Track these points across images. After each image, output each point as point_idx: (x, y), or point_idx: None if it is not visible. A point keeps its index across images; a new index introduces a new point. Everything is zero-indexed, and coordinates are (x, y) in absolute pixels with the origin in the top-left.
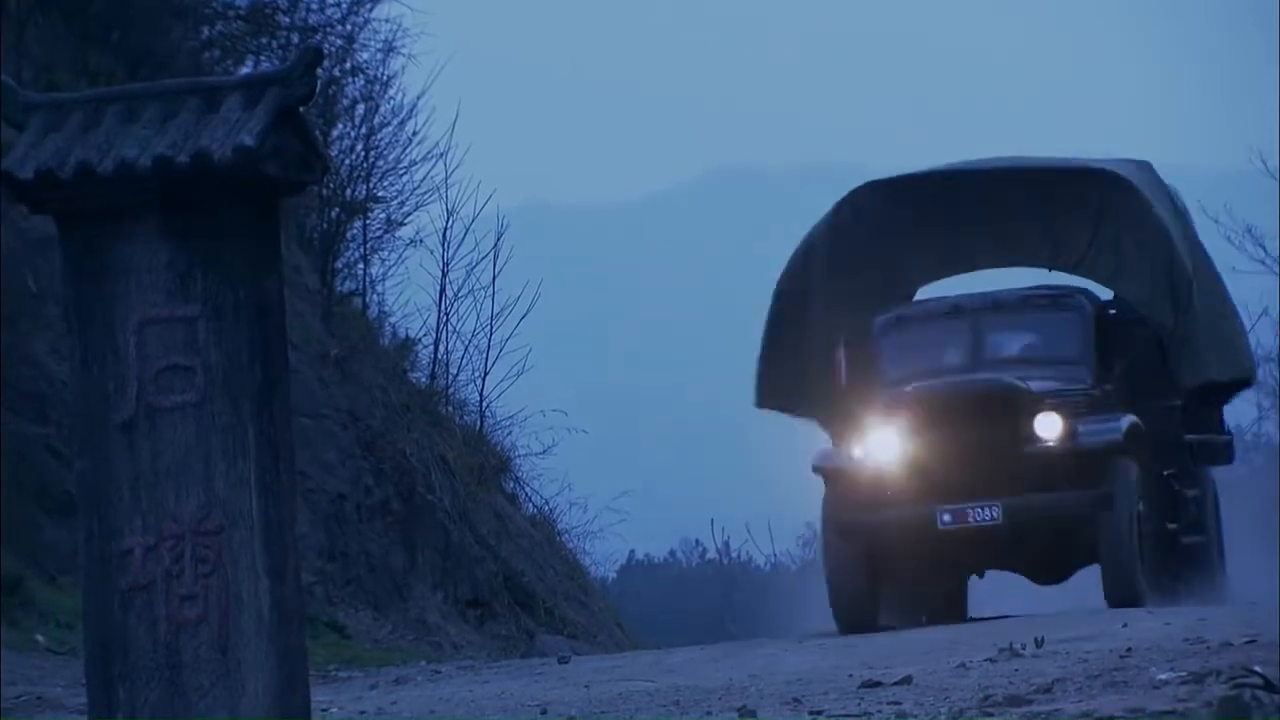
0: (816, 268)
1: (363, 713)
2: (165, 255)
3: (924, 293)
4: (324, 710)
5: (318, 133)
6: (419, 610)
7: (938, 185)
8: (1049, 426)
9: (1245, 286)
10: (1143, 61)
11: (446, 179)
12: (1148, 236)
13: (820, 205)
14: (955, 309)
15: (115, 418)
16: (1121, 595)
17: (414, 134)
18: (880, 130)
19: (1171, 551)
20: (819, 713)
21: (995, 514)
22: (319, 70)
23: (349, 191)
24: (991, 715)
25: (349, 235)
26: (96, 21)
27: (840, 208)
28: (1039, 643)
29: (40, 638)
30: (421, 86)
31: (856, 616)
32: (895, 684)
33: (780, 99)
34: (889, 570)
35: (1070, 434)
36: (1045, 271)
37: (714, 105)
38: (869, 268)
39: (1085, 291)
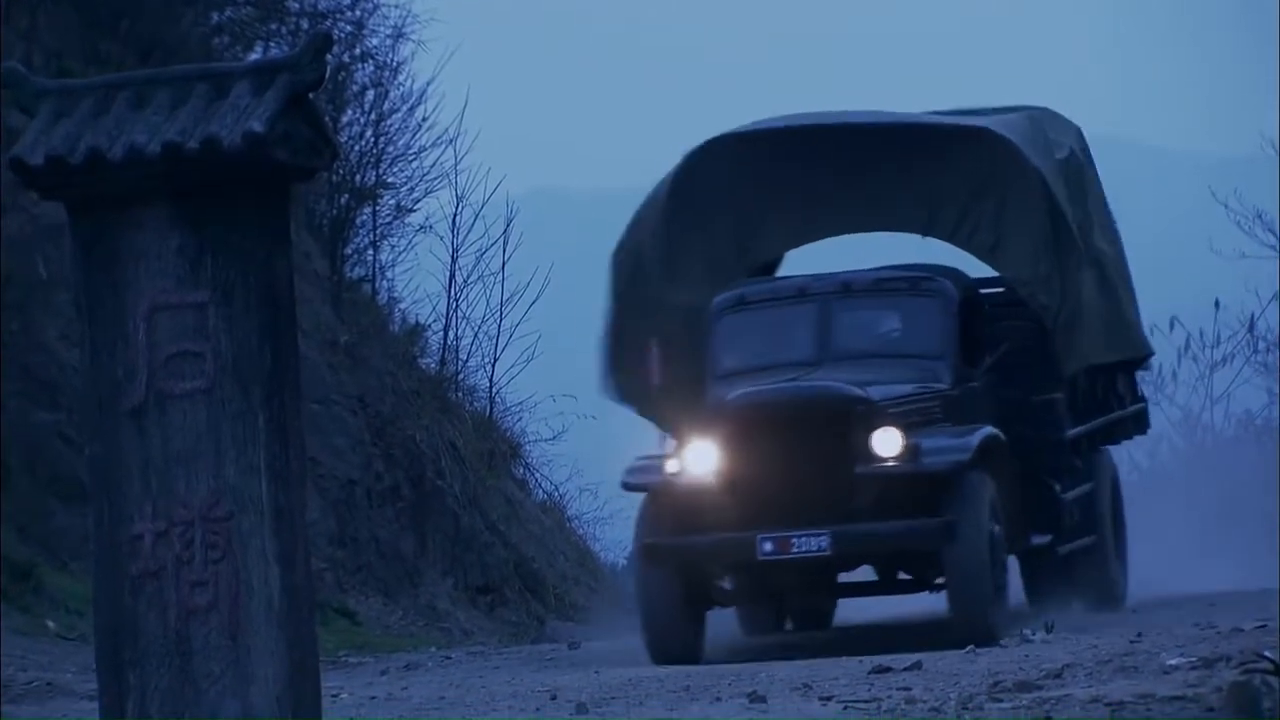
0: (652, 235)
1: (373, 698)
2: (175, 241)
3: (795, 260)
4: (334, 696)
5: (327, 119)
6: (429, 596)
7: (799, 140)
8: (887, 443)
9: (1255, 272)
10: (1151, 46)
11: (456, 165)
12: (1031, 207)
13: None
14: (801, 292)
15: (125, 404)
16: (971, 631)
17: (423, 120)
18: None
19: (1048, 564)
20: (829, 698)
21: (823, 544)
22: (328, 56)
23: (358, 177)
24: (1001, 701)
25: (358, 221)
26: (106, 8)
27: (684, 164)
28: (1049, 628)
29: (51, 624)
30: (431, 72)
31: (671, 650)
32: (905, 669)
33: (793, 84)
34: (709, 599)
35: (911, 452)
36: (924, 242)
37: (727, 92)
38: (717, 235)
39: (952, 272)
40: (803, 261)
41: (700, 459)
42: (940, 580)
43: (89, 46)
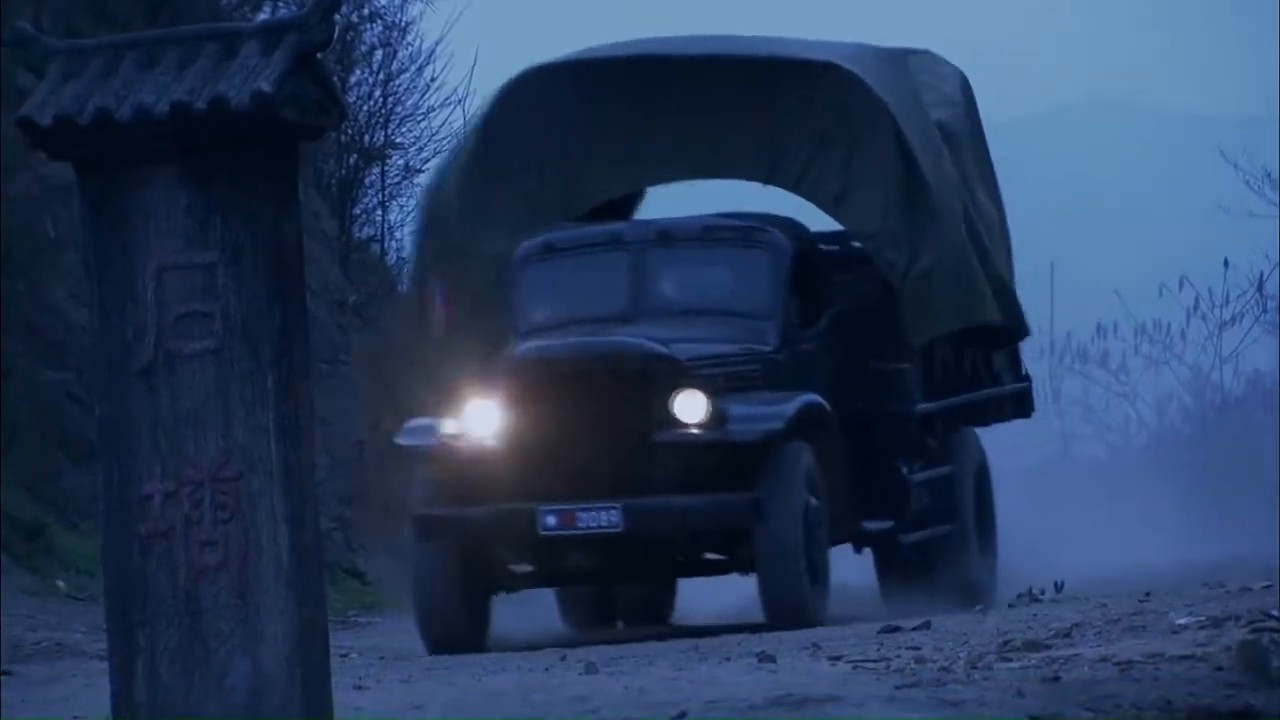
0: (459, 177)
1: (382, 658)
2: (184, 201)
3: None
4: (344, 655)
5: (335, 79)
6: None
7: (628, 72)
8: (690, 408)
9: (1263, 231)
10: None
11: (465, 125)
12: (882, 154)
13: None
14: (615, 239)
15: (134, 364)
16: (780, 618)
17: (432, 80)
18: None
19: (900, 554)
20: (838, 658)
21: (613, 518)
22: (336, 16)
23: (367, 138)
24: (1010, 660)
25: (367, 181)
26: None
27: (496, 99)
28: (1058, 587)
29: (61, 584)
30: (439, 32)
31: (447, 638)
32: (914, 629)
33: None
34: (493, 582)
35: (718, 419)
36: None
37: None
38: (536, 179)
39: (787, 223)
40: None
41: (481, 420)
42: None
43: (97, 6)
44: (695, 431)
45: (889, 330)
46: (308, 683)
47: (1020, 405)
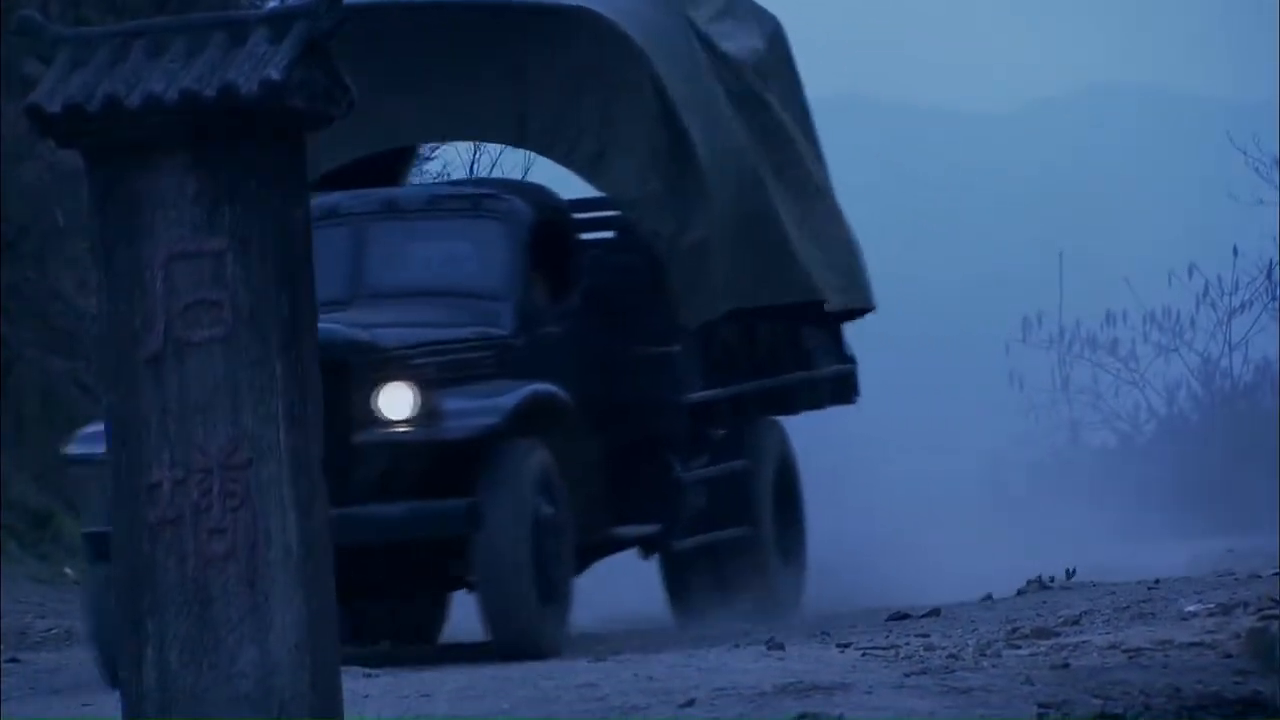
0: None
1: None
2: (192, 189)
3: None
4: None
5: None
6: None
7: (369, 21)
8: (396, 403)
9: (1273, 218)
10: None
11: None
12: (640, 109)
13: (862, 138)
14: (332, 212)
15: (143, 353)
16: (504, 643)
17: None
18: (911, 61)
19: (690, 562)
20: (847, 645)
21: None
22: (344, 3)
23: None
24: (1019, 647)
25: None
26: None
27: None
28: (1069, 574)
29: (69, 571)
30: None
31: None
32: (923, 616)
33: (807, 28)
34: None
35: (429, 415)
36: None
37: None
38: None
39: (531, 190)
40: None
41: None
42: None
43: None
44: (402, 430)
45: (657, 310)
46: (316, 671)
47: (842, 390)
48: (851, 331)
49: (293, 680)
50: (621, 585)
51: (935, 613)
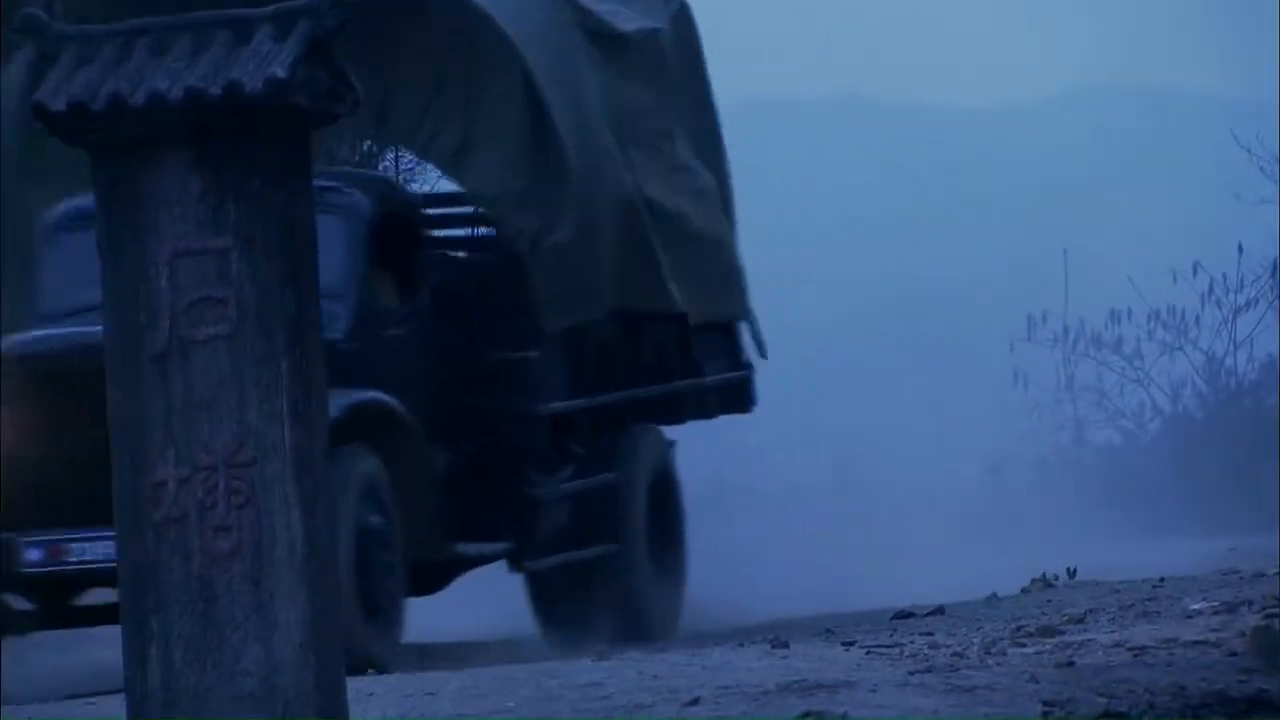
0: (20, 99)
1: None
2: (197, 187)
3: None
4: None
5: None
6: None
7: None
8: None
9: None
10: None
11: None
12: (506, 100)
13: (864, 137)
14: None
15: (148, 350)
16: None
17: None
18: (912, 60)
19: (556, 580)
20: (851, 643)
21: (113, 550)
22: (349, 1)
23: None
24: (1024, 645)
25: (380, 166)
26: None
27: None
28: (1071, 573)
29: None
30: None
31: None
32: (928, 615)
33: (808, 28)
34: None
35: None
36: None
37: (745, 37)
38: None
39: (375, 183)
40: None
41: None
42: None
43: None
44: None
45: (517, 313)
46: (321, 669)
47: (736, 399)
48: (852, 330)
49: (297, 679)
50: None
51: (940, 611)
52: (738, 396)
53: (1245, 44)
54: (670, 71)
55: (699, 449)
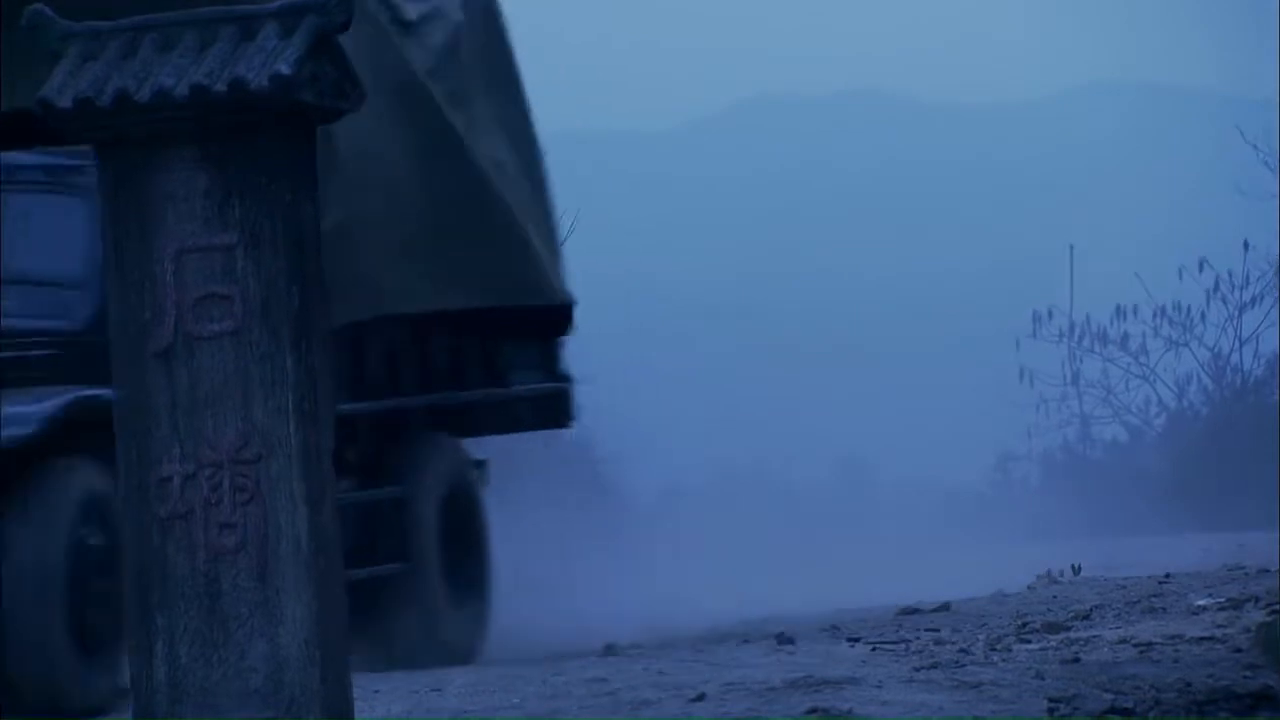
0: None
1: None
2: (203, 183)
3: None
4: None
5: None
6: None
7: None
8: None
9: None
10: None
11: None
12: None
13: (865, 134)
14: None
15: (153, 347)
16: (34, 698)
17: None
18: (921, 56)
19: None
20: (857, 639)
21: None
22: None
23: None
24: (1029, 642)
25: None
26: None
27: None
28: (1076, 570)
29: None
30: None
31: None
32: (933, 611)
33: (818, 23)
34: None
35: None
36: None
37: (752, 30)
38: None
39: None
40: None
41: None
42: None
43: None
44: None
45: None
46: (327, 665)
47: (551, 412)
48: (858, 324)
49: (303, 675)
50: None
51: (945, 607)
52: (553, 410)
53: (1250, 40)
54: (462, 54)
55: (704, 446)
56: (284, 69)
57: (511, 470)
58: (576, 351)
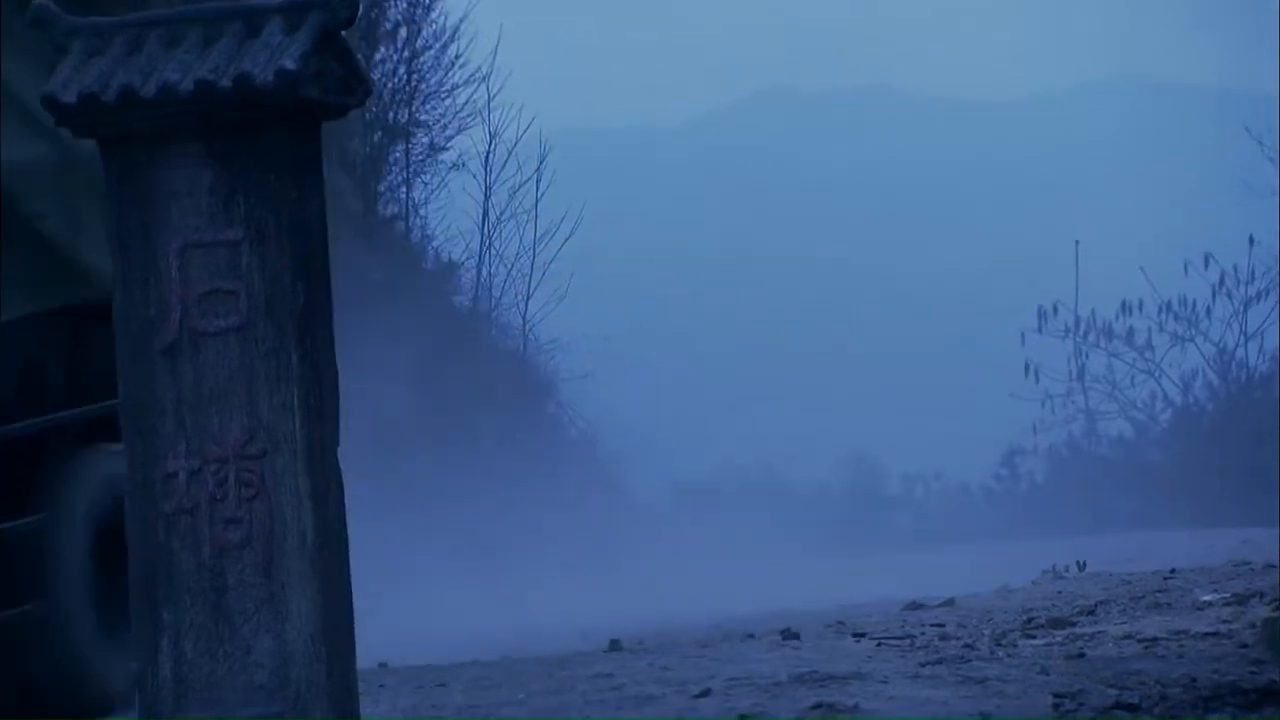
0: None
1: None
2: (208, 179)
3: None
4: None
5: (359, 56)
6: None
7: None
8: None
9: None
10: None
11: (489, 102)
12: None
13: (867, 129)
14: None
15: (159, 343)
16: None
17: (456, 57)
18: (928, 53)
19: None
20: (862, 635)
21: None
22: None
23: (391, 115)
24: (1034, 637)
25: (391, 159)
26: None
27: None
28: (1081, 566)
29: None
30: (463, 9)
31: None
32: (938, 606)
33: (827, 19)
34: None
35: None
36: None
37: (759, 26)
38: None
39: None
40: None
41: None
42: None
43: None
44: None
45: None
46: (333, 660)
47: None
48: (866, 320)
49: (309, 670)
50: None
51: (950, 603)
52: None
53: (1256, 35)
54: None
55: (707, 444)
56: (289, 64)
57: (514, 469)
58: (581, 351)
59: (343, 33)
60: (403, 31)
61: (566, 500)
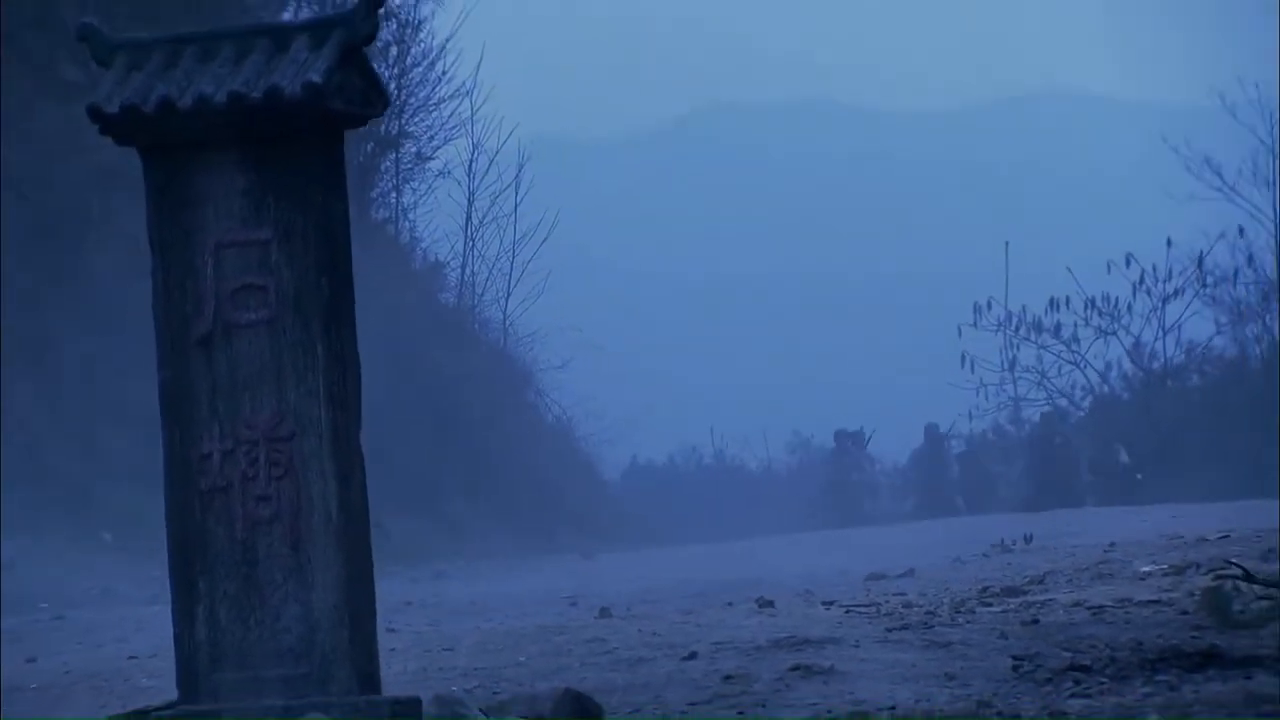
0: None
1: (409, 604)
2: (240, 184)
3: None
4: None
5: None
6: (453, 512)
7: None
8: None
9: (1203, 213)
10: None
11: (472, 115)
12: None
13: (808, 139)
14: None
15: (194, 334)
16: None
17: (442, 74)
18: (871, 66)
19: None
20: (831, 603)
21: None
22: (380, 11)
23: (382, 127)
24: (990, 605)
25: (382, 168)
26: None
27: None
28: (1028, 539)
29: (108, 536)
30: (449, 29)
31: None
32: (899, 576)
33: (780, 32)
34: None
35: None
36: None
37: (710, 39)
38: None
39: None
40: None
41: None
42: None
43: (135, 6)
44: None
45: None
46: (355, 627)
47: None
48: (816, 321)
49: (333, 636)
50: None
51: (910, 573)
52: None
53: (1173, 51)
54: None
55: (674, 431)
56: (315, 78)
57: (498, 455)
58: (558, 343)
59: (363, 48)
60: (393, 50)
61: (545, 480)
